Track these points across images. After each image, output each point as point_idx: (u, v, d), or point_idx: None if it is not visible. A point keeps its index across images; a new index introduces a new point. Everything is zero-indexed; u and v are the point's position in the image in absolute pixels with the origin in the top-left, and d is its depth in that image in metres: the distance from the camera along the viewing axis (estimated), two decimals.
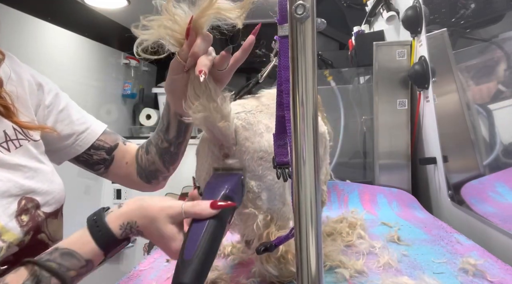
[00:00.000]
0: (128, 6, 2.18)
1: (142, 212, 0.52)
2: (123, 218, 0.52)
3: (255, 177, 0.59)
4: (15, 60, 0.68)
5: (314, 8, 0.36)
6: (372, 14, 1.74)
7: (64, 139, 0.72)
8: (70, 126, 0.73)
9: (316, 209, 0.39)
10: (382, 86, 1.35)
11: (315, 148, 0.38)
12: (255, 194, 0.59)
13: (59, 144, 0.72)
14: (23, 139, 0.63)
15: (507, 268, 0.67)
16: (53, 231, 0.66)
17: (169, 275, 0.69)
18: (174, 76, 0.57)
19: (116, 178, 0.78)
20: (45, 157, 0.67)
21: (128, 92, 2.71)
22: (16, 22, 1.71)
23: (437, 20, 1.13)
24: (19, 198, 0.59)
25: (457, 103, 1.03)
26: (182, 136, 0.68)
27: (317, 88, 0.38)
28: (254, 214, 0.59)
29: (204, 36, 0.52)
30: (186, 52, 0.53)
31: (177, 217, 0.51)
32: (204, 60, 0.52)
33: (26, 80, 0.68)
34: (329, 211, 1.14)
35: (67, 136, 0.72)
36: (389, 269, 0.69)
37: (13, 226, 0.56)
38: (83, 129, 0.74)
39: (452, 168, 1.08)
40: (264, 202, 0.60)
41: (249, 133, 0.59)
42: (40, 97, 0.70)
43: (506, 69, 0.78)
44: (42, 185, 0.62)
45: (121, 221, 0.51)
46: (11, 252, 0.57)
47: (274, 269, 0.61)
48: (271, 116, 0.63)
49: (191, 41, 0.53)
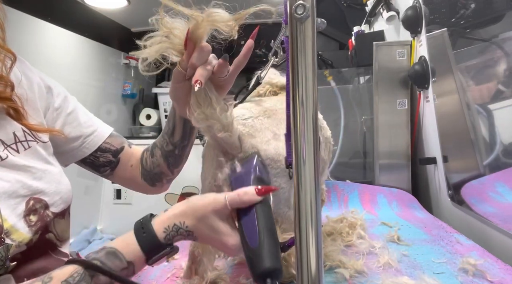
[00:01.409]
0: (128, 6, 2.18)
1: (190, 212, 0.51)
2: (168, 221, 0.51)
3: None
4: (25, 63, 0.70)
5: (314, 8, 0.36)
6: (372, 14, 1.74)
7: (71, 142, 0.74)
8: (78, 128, 0.74)
9: (316, 209, 0.39)
10: (382, 86, 1.35)
11: (315, 148, 0.38)
12: None
13: (67, 146, 0.74)
14: (32, 140, 0.65)
15: (507, 268, 0.67)
16: (61, 231, 0.67)
17: (169, 275, 0.69)
18: (176, 84, 0.59)
19: (121, 181, 0.79)
20: (53, 158, 0.68)
21: (128, 92, 2.71)
22: (16, 22, 1.71)
23: (437, 20, 1.13)
24: (27, 198, 0.60)
25: (457, 103, 1.03)
26: (187, 139, 0.69)
27: (317, 88, 0.38)
28: None
29: (202, 47, 0.53)
30: (186, 62, 0.55)
31: (223, 210, 0.50)
32: (201, 70, 0.54)
33: (36, 83, 0.69)
34: (329, 211, 1.14)
35: (75, 138, 0.74)
36: (389, 269, 0.69)
37: (22, 226, 0.58)
38: (90, 132, 0.75)
39: (452, 168, 1.08)
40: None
41: (255, 141, 0.59)
42: (49, 100, 0.71)
43: (506, 69, 0.78)
44: (50, 186, 0.63)
45: (166, 224, 0.51)
46: (19, 250, 0.58)
47: None
48: (280, 122, 0.63)
49: (190, 51, 0.54)
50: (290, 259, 0.61)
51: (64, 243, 0.71)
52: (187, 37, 0.53)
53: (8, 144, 0.62)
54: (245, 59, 0.57)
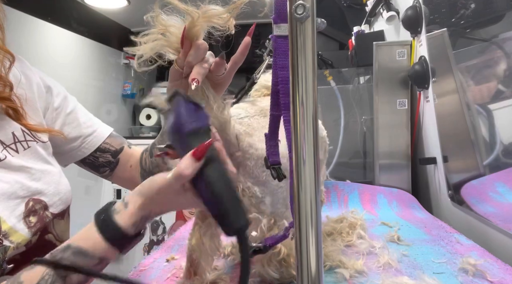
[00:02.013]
0: (128, 6, 2.18)
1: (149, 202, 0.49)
2: (135, 217, 0.49)
3: (258, 183, 0.59)
4: (25, 63, 0.70)
5: (314, 8, 0.36)
6: (372, 14, 1.74)
7: (71, 142, 0.74)
8: (77, 129, 0.74)
9: (316, 209, 0.39)
10: (382, 86, 1.35)
11: (315, 148, 0.38)
12: (259, 199, 0.59)
13: (66, 147, 0.73)
14: (32, 140, 0.65)
15: (507, 268, 0.67)
16: (61, 232, 0.67)
17: (169, 275, 0.69)
18: (173, 82, 0.58)
19: (120, 181, 0.79)
20: (52, 159, 0.68)
21: (128, 92, 2.71)
22: (16, 22, 1.71)
23: (437, 20, 1.13)
24: (26, 199, 0.60)
25: (457, 103, 1.03)
26: None
27: (317, 88, 0.38)
28: (258, 218, 0.59)
29: (198, 45, 0.52)
30: (183, 60, 0.54)
31: (177, 188, 0.47)
32: (198, 68, 0.53)
33: (35, 83, 0.69)
34: (329, 211, 1.14)
35: (74, 138, 0.74)
36: (389, 269, 0.69)
37: (21, 227, 0.58)
38: (90, 132, 0.75)
39: (452, 168, 1.08)
40: (268, 206, 0.60)
41: (253, 140, 0.59)
42: (48, 100, 0.71)
43: (506, 69, 0.78)
44: (49, 187, 0.63)
45: (133, 220, 0.49)
46: (18, 251, 0.57)
47: (276, 272, 0.61)
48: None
49: (186, 49, 0.53)
50: (290, 260, 0.61)
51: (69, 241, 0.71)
52: (183, 35, 0.52)
53: (7, 144, 0.61)
54: (243, 56, 0.57)
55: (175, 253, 0.82)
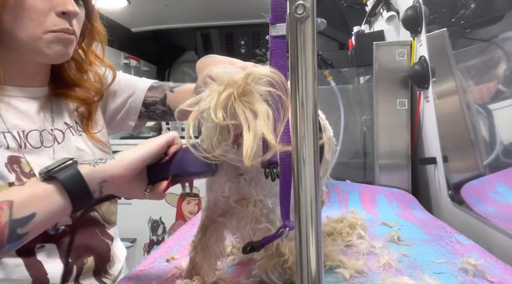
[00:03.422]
0: (128, 6, 2.18)
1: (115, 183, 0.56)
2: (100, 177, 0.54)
3: (270, 195, 0.59)
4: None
5: (314, 8, 0.36)
6: (372, 14, 1.74)
7: (121, 108, 0.83)
8: (122, 95, 0.83)
9: (316, 209, 0.39)
10: (382, 86, 1.35)
11: (315, 148, 0.38)
12: (269, 209, 0.59)
13: (121, 114, 0.83)
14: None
15: (507, 268, 0.67)
16: (107, 213, 0.76)
17: (169, 275, 0.69)
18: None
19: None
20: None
21: None
22: None
23: (437, 20, 1.13)
24: None
25: (457, 103, 1.03)
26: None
27: (317, 88, 0.38)
28: (268, 228, 0.59)
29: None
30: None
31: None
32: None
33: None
34: (329, 211, 1.14)
35: (122, 104, 0.83)
36: (389, 269, 0.69)
37: None
38: (132, 92, 0.83)
39: (452, 168, 1.08)
40: (277, 215, 0.60)
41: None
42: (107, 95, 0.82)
43: (506, 69, 0.78)
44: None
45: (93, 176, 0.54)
46: (65, 223, 0.66)
47: (279, 280, 0.61)
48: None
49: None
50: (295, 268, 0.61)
51: (112, 226, 0.79)
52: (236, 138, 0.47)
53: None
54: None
55: (175, 253, 0.82)
